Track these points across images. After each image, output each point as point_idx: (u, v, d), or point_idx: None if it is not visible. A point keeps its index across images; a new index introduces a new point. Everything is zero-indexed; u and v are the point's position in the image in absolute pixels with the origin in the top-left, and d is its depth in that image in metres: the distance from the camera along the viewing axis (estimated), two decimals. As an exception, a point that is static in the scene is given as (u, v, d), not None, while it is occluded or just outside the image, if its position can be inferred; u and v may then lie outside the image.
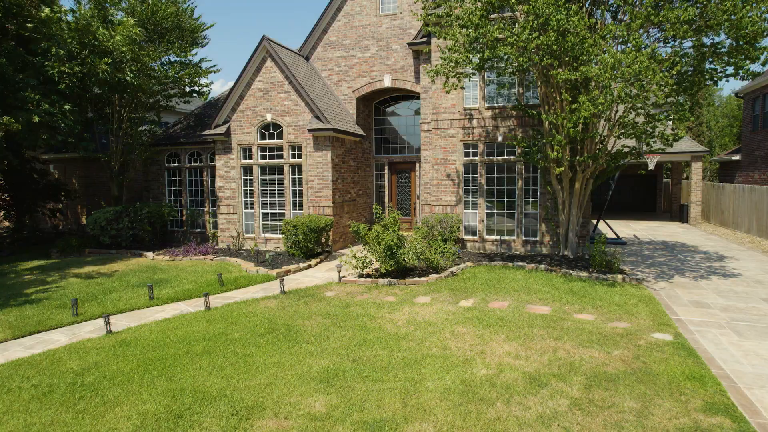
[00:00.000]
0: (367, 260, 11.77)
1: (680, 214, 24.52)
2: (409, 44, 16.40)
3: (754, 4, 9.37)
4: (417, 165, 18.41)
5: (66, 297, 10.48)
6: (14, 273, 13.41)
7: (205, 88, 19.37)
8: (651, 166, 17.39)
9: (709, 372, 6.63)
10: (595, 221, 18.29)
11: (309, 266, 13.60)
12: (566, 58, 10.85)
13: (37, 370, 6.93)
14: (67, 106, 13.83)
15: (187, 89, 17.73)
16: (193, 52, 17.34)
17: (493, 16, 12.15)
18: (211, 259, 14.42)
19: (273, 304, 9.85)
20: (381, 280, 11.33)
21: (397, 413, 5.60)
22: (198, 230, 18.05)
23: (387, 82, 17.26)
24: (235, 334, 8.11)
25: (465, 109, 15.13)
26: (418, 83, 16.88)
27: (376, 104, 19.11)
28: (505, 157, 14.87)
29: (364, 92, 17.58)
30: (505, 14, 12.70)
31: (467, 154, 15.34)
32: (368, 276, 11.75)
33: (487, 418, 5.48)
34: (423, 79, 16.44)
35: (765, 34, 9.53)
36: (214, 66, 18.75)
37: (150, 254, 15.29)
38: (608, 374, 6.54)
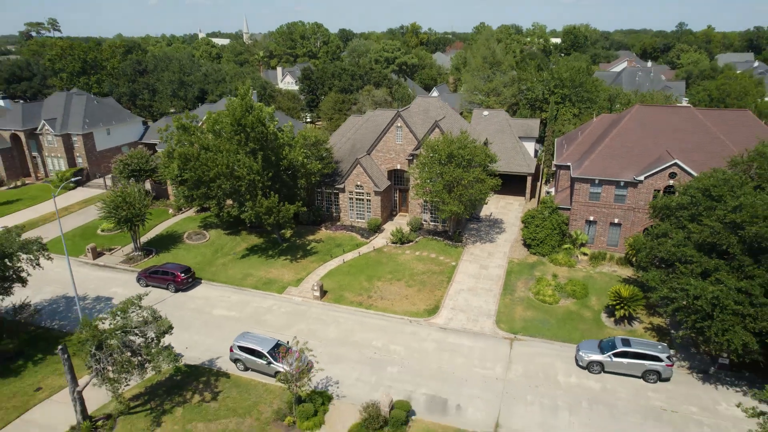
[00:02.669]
0: (392, 240, 44.53)
1: (528, 196, 56.13)
2: (407, 158, 47.19)
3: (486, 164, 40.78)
4: (409, 190, 49.92)
5: (321, 252, 43.56)
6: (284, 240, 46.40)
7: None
8: (486, 203, 48.86)
9: (454, 270, 39.89)
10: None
11: (376, 236, 46.43)
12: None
13: (340, 271, 40.32)
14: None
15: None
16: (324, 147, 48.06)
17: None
18: (346, 232, 47.16)
19: (374, 254, 42.98)
20: (398, 245, 44.30)
21: (402, 278, 39.09)
22: (329, 214, 50.54)
23: (398, 167, 48.30)
24: (371, 263, 41.36)
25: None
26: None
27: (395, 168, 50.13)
28: (437, 199, 46.65)
29: (389, 169, 48.72)
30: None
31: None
32: (393, 243, 44.62)
33: (415, 280, 38.87)
34: (412, 166, 47.32)
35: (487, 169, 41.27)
36: (332, 150, 49.77)
37: (322, 228, 48.02)
38: (433, 271, 40.01)
